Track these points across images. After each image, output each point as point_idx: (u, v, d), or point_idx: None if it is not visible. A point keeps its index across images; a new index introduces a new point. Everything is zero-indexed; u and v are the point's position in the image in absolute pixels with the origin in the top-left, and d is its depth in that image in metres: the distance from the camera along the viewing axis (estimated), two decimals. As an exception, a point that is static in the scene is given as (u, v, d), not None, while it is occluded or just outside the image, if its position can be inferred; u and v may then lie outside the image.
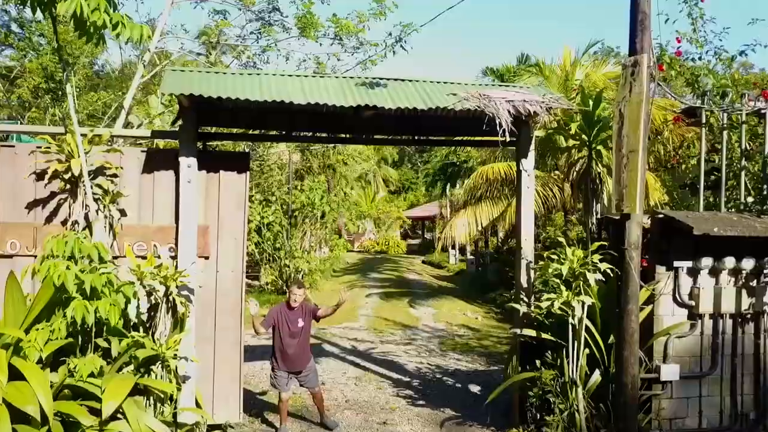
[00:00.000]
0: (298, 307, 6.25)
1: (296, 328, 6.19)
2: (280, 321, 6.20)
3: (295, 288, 6.29)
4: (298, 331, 6.20)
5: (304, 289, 6.44)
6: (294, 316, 6.21)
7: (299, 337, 6.20)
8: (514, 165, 15.44)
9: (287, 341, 6.16)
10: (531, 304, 6.17)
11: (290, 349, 6.16)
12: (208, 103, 5.73)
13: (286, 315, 6.22)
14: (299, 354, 6.24)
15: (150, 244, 5.67)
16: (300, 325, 6.20)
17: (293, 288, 6.31)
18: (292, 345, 6.16)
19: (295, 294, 6.21)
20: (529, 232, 6.22)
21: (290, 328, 6.17)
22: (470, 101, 5.59)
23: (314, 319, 6.40)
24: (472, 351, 10.84)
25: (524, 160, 6.25)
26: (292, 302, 6.21)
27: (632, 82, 5.45)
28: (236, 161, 5.93)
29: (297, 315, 6.22)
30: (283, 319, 6.19)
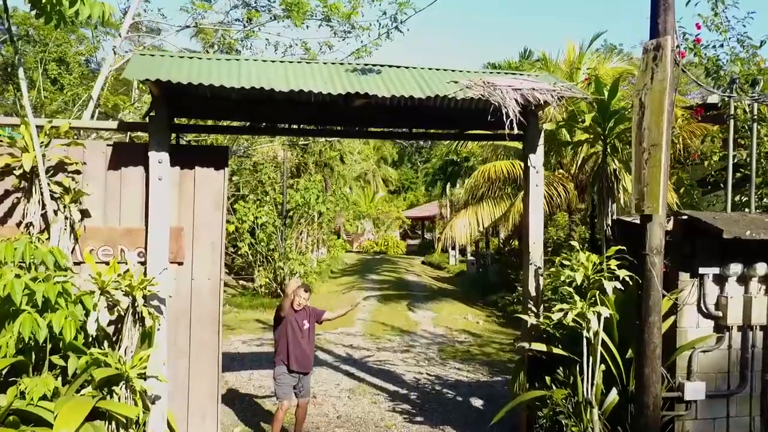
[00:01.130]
0: (303, 309, 6.14)
1: (302, 330, 6.11)
2: (290, 321, 6.09)
3: (301, 291, 6.17)
4: (304, 334, 6.13)
5: (310, 293, 6.32)
6: (301, 318, 6.12)
7: (305, 340, 6.13)
8: (517, 163, 14.93)
9: (297, 343, 6.05)
10: (540, 314, 5.59)
11: (297, 349, 6.05)
12: (181, 91, 5.15)
13: (295, 317, 6.11)
14: (307, 354, 6.14)
15: (117, 249, 5.09)
16: (305, 327, 6.11)
17: (300, 291, 6.16)
18: (300, 347, 6.06)
19: (301, 297, 6.11)
20: (537, 234, 5.65)
21: (298, 329, 6.08)
22: (474, 89, 5.02)
23: (317, 322, 6.35)
24: (474, 359, 10.27)
25: (532, 155, 5.67)
26: (296, 305, 6.09)
27: (654, 67, 4.88)
28: (213, 156, 5.35)
29: (303, 317, 6.13)
30: (293, 320, 6.09)
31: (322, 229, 20.23)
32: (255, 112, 5.67)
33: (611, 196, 5.51)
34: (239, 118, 5.77)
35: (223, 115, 5.67)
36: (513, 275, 16.71)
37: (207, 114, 5.55)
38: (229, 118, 5.69)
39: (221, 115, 5.68)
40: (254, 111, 5.65)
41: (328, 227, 21.19)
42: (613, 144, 5.64)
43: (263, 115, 5.67)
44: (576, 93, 5.13)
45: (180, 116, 5.68)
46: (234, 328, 13.12)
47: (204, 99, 5.41)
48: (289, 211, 16.85)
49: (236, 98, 5.42)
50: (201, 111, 5.56)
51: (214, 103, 5.49)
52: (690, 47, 5.62)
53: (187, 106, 5.46)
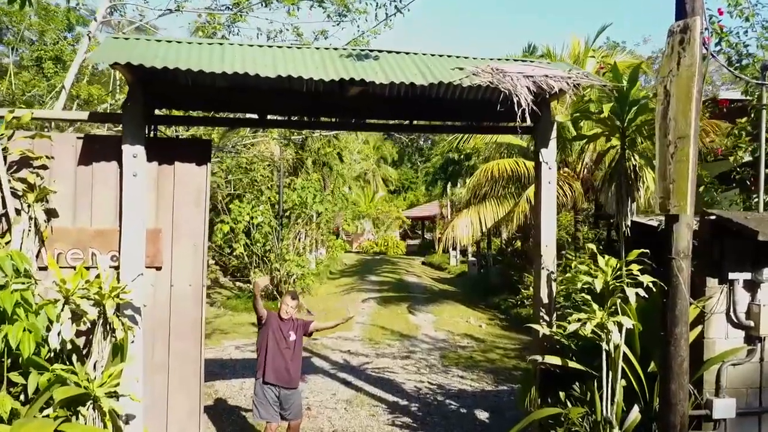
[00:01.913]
0: (290, 319, 5.59)
1: (287, 341, 5.53)
2: (273, 329, 5.52)
3: (288, 299, 5.61)
4: (289, 345, 5.53)
5: (297, 301, 5.75)
6: (286, 328, 5.56)
7: (290, 352, 5.53)
8: (521, 161, 14.45)
9: (276, 353, 5.47)
10: (552, 323, 5.12)
11: (278, 361, 5.48)
12: (159, 78, 4.69)
13: (279, 326, 5.55)
14: (288, 369, 5.51)
15: (88, 252, 4.61)
16: (291, 339, 5.55)
17: (286, 298, 5.62)
18: (282, 359, 5.48)
19: (288, 305, 5.56)
20: (550, 236, 5.17)
21: (282, 339, 5.51)
22: (481, 76, 4.54)
23: (306, 334, 5.76)
24: (477, 366, 9.79)
25: (544, 149, 5.20)
26: (283, 313, 5.55)
27: (681, 51, 4.41)
28: (195, 150, 4.88)
29: (289, 328, 5.56)
30: (276, 328, 5.53)
31: (320, 229, 19.73)
32: (242, 102, 5.20)
33: (631, 195, 5.03)
34: (225, 109, 5.30)
35: (207, 105, 5.19)
36: (516, 277, 16.24)
37: (190, 105, 5.08)
38: (214, 109, 5.21)
39: (205, 106, 5.21)
40: (241, 101, 5.18)
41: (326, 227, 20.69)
42: (632, 138, 5.17)
43: (251, 105, 5.21)
44: (594, 80, 4.66)
45: (161, 107, 5.22)
46: (228, 333, 12.65)
47: (185, 88, 4.94)
48: (286, 210, 16.37)
49: (221, 87, 4.96)
50: (182, 101, 5.09)
51: (196, 92, 5.02)
52: (717, 31, 5.16)
53: (167, 95, 4.99)
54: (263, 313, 5.51)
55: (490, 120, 5.36)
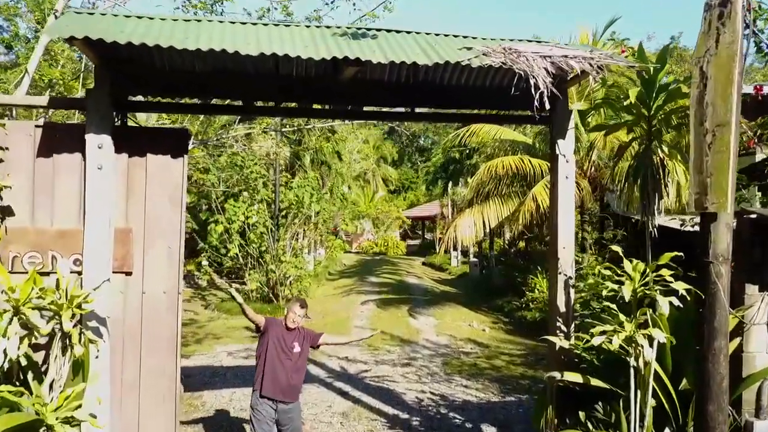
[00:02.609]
0: (297, 329, 5.04)
1: (290, 353, 4.97)
2: (275, 337, 4.96)
3: (296, 306, 5.07)
4: (293, 357, 4.98)
5: (306, 310, 5.16)
6: (290, 338, 4.99)
7: (292, 364, 4.97)
8: (526, 158, 13.90)
9: (277, 364, 4.92)
10: (570, 334, 4.59)
11: (279, 373, 4.92)
12: (130, 60, 4.16)
13: (283, 334, 4.99)
14: (288, 382, 4.96)
15: (47, 255, 4.09)
16: (296, 351, 4.99)
17: (294, 306, 5.08)
18: (282, 371, 4.93)
19: (295, 313, 5.02)
20: (568, 237, 4.64)
21: (284, 350, 4.95)
22: (493, 56, 4.01)
23: (313, 347, 5.21)
24: (482, 374, 9.25)
25: (561, 140, 4.67)
26: (290, 322, 4.99)
27: (720, 27, 3.90)
28: (170, 140, 4.35)
29: (294, 338, 5.01)
30: (279, 337, 4.96)
31: (318, 229, 19.20)
32: (226, 88, 4.68)
33: (658, 191, 4.50)
34: (207, 96, 4.76)
35: (187, 92, 4.66)
36: (520, 279, 15.70)
37: (166, 90, 4.55)
38: (194, 95, 4.68)
39: (185, 93, 4.67)
40: (225, 87, 4.66)
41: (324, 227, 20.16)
42: (657, 128, 4.64)
43: (235, 92, 4.69)
44: (619, 61, 4.12)
45: (135, 93, 4.68)
46: (221, 337, 12.13)
47: (162, 72, 4.42)
48: (283, 210, 15.84)
49: (202, 71, 4.43)
50: (159, 87, 4.55)
51: (175, 77, 4.50)
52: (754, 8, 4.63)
53: (141, 80, 4.46)
54: (258, 320, 4.99)
55: (501, 107, 4.83)
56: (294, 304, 5.05)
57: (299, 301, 5.11)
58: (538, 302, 13.93)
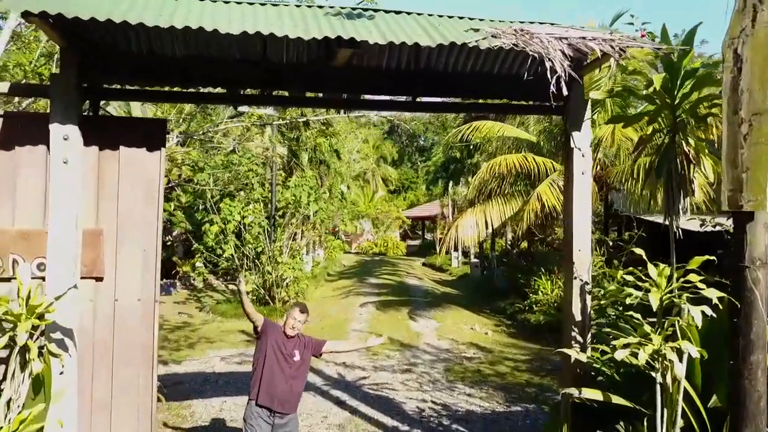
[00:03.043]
0: (297, 336, 4.64)
1: (290, 361, 4.57)
2: (274, 343, 4.56)
3: (296, 312, 4.65)
4: (292, 366, 4.58)
5: (307, 315, 4.75)
6: (290, 346, 4.61)
7: (292, 373, 4.57)
8: (530, 156, 13.45)
9: (276, 372, 4.52)
10: (587, 345, 4.18)
11: (277, 381, 4.52)
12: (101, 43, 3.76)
13: (282, 341, 4.59)
14: (287, 392, 4.56)
15: (8, 259, 3.68)
16: (296, 359, 4.60)
17: (294, 311, 4.67)
18: (281, 379, 4.53)
19: (295, 319, 4.60)
20: (584, 239, 4.23)
21: (284, 358, 4.55)
22: (503, 38, 3.60)
23: (315, 355, 4.82)
24: (486, 381, 8.84)
25: (576, 132, 4.26)
26: (288, 329, 4.59)
27: (757, 4, 3.50)
28: (145, 131, 3.95)
29: (294, 346, 4.63)
30: (278, 343, 4.57)
31: (316, 229, 18.79)
32: (209, 75, 4.26)
33: (684, 189, 4.09)
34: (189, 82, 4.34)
35: (166, 78, 4.24)
36: (523, 280, 15.29)
37: (144, 77, 4.14)
38: (174, 82, 4.27)
39: (164, 79, 4.25)
40: (208, 74, 4.24)
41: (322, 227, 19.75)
42: (682, 119, 4.23)
43: (219, 79, 4.26)
44: (645, 43, 3.71)
45: (110, 81, 4.26)
46: (214, 341, 11.72)
47: (137, 56, 4.01)
48: (279, 210, 15.42)
49: (182, 56, 4.03)
50: (134, 72, 4.13)
51: (153, 62, 4.09)
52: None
53: (113, 64, 4.04)
54: (257, 318, 4.59)
55: (511, 96, 4.43)
56: (293, 309, 4.64)
57: (299, 306, 4.70)
58: (542, 305, 13.53)
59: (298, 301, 4.71)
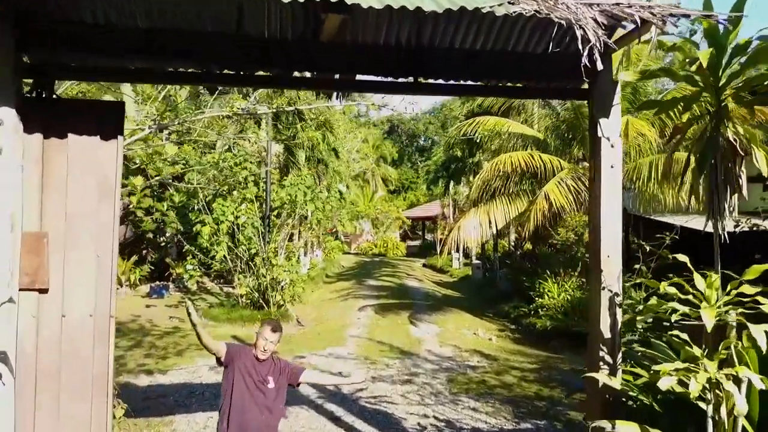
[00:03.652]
0: (270, 360, 4.00)
1: (263, 388, 3.93)
2: (243, 370, 3.90)
3: (267, 330, 3.97)
4: (267, 393, 3.93)
5: (279, 334, 4.07)
6: (263, 371, 3.95)
7: (267, 403, 3.92)
8: (536, 154, 12.79)
9: (247, 402, 3.89)
10: (617, 366, 3.58)
11: (249, 413, 3.89)
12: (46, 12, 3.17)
13: (253, 366, 3.94)
14: (262, 425, 3.92)
15: (-68, 268, 3.08)
16: (271, 387, 3.95)
17: (264, 330, 3.97)
18: (253, 410, 3.89)
19: (266, 339, 3.93)
20: (613, 243, 3.64)
21: (255, 385, 3.91)
22: (524, 3, 3.01)
23: (292, 384, 4.13)
24: (492, 393, 8.25)
25: (604, 119, 3.67)
26: (260, 352, 3.93)
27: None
28: (99, 117, 3.35)
29: (267, 371, 3.98)
30: (248, 370, 3.92)
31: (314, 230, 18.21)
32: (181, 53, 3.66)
33: (731, 184, 3.50)
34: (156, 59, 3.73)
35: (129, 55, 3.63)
36: (528, 283, 14.69)
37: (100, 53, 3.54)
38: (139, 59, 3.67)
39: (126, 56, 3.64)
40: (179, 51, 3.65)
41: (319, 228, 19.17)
42: (727, 104, 3.64)
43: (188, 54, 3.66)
44: (690, 12, 3.12)
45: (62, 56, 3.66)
46: (203, 348, 11.09)
47: (92, 29, 3.42)
48: (275, 210, 14.83)
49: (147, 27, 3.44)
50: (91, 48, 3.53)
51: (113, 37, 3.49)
52: None
53: (62, 38, 3.45)
54: (217, 348, 3.97)
55: (528, 78, 3.83)
56: (264, 328, 4.01)
57: (270, 323, 4.07)
58: (548, 309, 12.93)
59: (269, 319, 4.07)
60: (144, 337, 11.43)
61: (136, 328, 12.29)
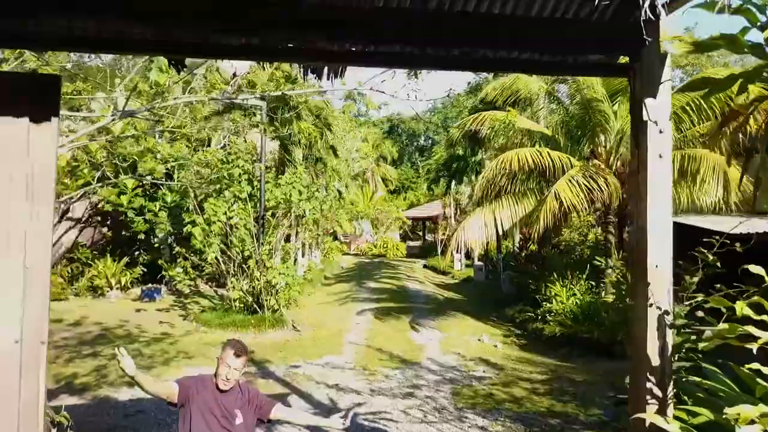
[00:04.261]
0: (236, 389, 3.34)
1: (229, 423, 3.27)
2: (202, 406, 3.25)
3: (229, 355, 3.31)
4: (236, 430, 3.28)
5: (245, 359, 3.41)
6: (228, 403, 3.32)
7: None
8: (545, 151, 12.08)
9: None
10: (668, 400, 2.93)
11: None
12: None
13: (215, 400, 3.29)
14: None
15: None
16: (238, 422, 3.32)
17: (227, 355, 3.32)
18: None
19: (230, 366, 3.29)
20: (663, 250, 2.98)
21: (217, 422, 3.25)
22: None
23: (262, 420, 3.51)
24: (500, 409, 7.60)
25: (650, 99, 3.02)
26: (221, 382, 3.28)
27: None
28: (24, 92, 2.69)
29: (233, 403, 3.34)
30: (208, 405, 3.27)
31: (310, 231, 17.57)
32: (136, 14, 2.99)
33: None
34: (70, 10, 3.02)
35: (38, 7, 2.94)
36: (534, 286, 14.05)
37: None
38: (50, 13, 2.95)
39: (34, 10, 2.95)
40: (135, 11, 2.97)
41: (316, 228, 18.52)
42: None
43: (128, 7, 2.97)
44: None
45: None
46: (193, 356, 10.46)
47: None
48: (269, 209, 14.17)
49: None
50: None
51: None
52: None
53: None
54: (167, 392, 3.33)
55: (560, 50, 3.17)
56: (226, 352, 3.33)
57: (233, 347, 3.38)
58: (556, 315, 12.28)
59: (232, 341, 3.38)
60: (130, 345, 10.77)
61: (123, 335, 11.65)
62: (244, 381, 3.48)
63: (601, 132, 11.84)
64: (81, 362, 9.49)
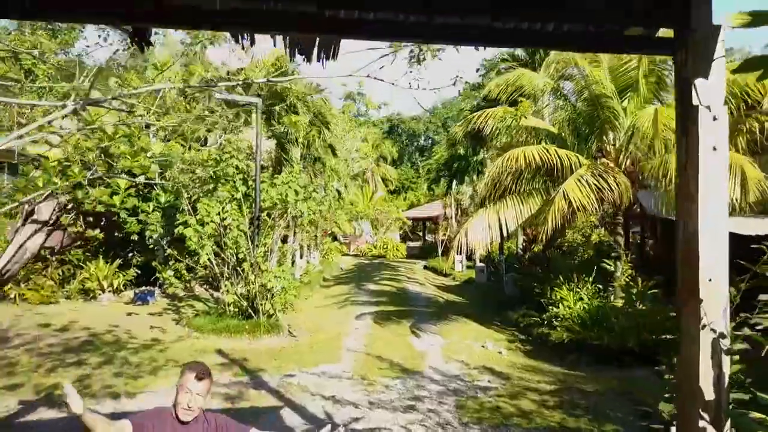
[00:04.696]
0: (200, 419, 2.95)
1: None
2: None
3: (190, 380, 2.89)
4: None
5: (209, 382, 2.96)
6: None
7: None
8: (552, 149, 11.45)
9: None
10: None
11: None
12: None
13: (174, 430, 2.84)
14: None
15: None
16: None
17: (186, 380, 2.90)
18: None
19: (191, 391, 2.87)
20: (718, 260, 2.49)
21: None
22: None
23: None
24: (508, 424, 7.10)
25: (700, 81, 2.53)
26: (181, 412, 2.85)
27: None
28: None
29: None
30: None
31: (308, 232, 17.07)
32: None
33: None
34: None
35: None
36: (539, 289, 13.56)
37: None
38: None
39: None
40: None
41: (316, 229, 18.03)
42: None
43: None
44: None
45: None
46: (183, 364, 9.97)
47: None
48: (264, 210, 13.67)
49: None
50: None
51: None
52: None
53: None
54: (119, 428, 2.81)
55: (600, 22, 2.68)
56: (186, 376, 2.86)
57: (194, 370, 2.91)
58: (564, 320, 11.77)
59: (190, 363, 2.89)
60: (117, 352, 10.27)
61: (111, 341, 11.13)
62: (209, 411, 2.98)
63: (610, 129, 11.36)
64: (64, 371, 8.97)
